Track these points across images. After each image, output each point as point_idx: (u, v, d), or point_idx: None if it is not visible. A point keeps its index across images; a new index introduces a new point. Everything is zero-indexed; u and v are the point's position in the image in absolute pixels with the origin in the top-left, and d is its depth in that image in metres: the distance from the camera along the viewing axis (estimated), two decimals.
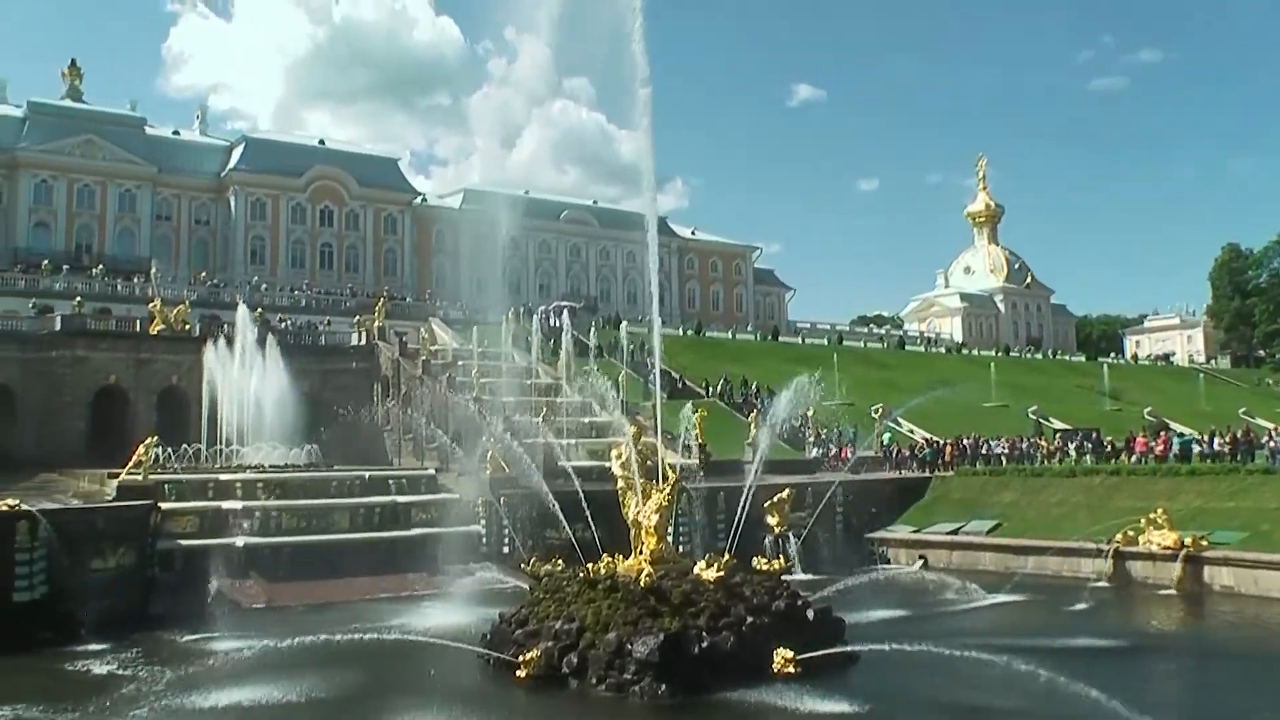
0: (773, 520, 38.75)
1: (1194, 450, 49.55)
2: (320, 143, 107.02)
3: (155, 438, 36.54)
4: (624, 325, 73.21)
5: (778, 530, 38.78)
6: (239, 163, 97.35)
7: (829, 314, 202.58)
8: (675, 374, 65.76)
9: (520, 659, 22.02)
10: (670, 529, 27.19)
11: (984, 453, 54.01)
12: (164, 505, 33.59)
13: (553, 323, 70.81)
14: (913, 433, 60.95)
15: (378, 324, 58.50)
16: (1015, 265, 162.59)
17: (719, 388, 66.38)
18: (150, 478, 34.11)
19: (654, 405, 40.84)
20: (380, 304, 62.48)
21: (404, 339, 57.71)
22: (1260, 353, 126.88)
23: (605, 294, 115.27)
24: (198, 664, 22.62)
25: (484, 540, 38.02)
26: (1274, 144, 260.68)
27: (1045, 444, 56.39)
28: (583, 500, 31.29)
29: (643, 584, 22.78)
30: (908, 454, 54.41)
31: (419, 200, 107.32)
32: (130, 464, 33.94)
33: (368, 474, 41.05)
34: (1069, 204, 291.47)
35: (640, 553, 24.83)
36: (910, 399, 53.26)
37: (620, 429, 40.48)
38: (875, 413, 53.59)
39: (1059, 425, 68.45)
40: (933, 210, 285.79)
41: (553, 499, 31.92)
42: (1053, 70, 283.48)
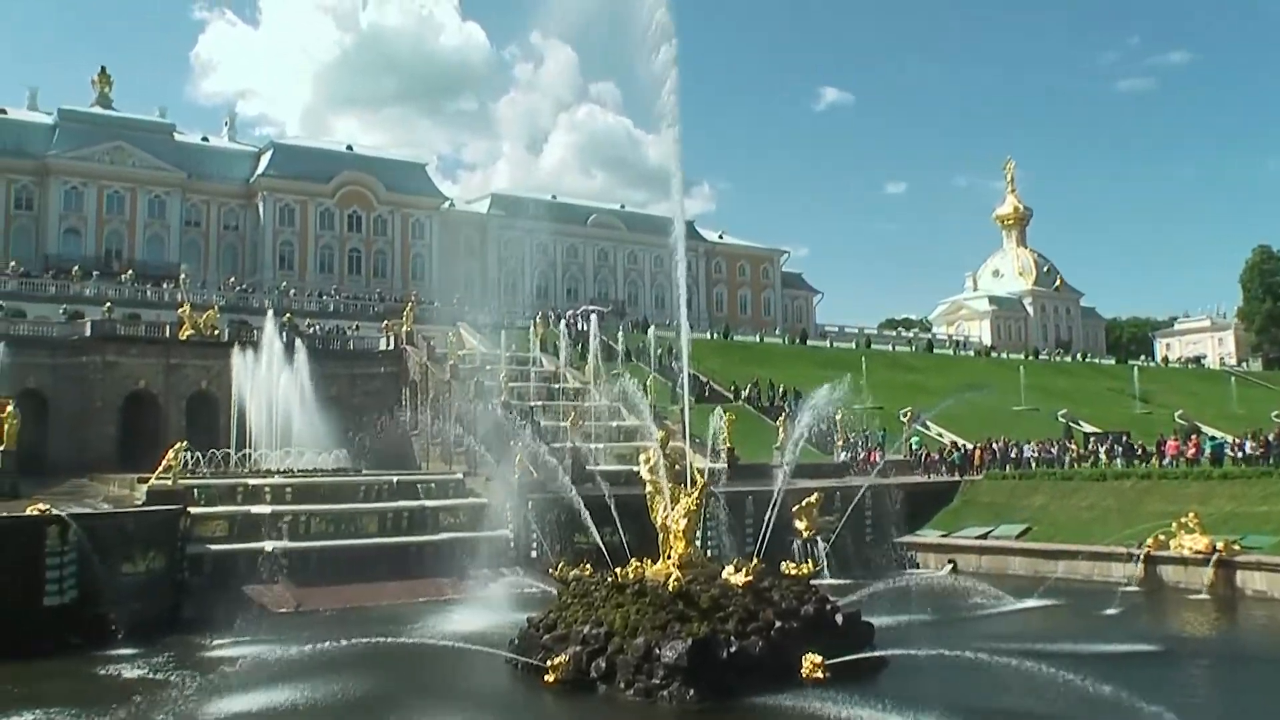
0: (801, 524, 38.82)
1: (1226, 453, 49.33)
2: (348, 148, 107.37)
3: (185, 442, 36.72)
4: (652, 329, 73.15)
5: (806, 534, 38.87)
6: (267, 168, 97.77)
7: (857, 317, 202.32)
8: (703, 378, 65.66)
9: (548, 663, 21.99)
10: (698, 533, 27.15)
11: (1013, 456, 53.81)
12: (193, 510, 33.71)
13: (580, 327, 70.89)
14: (941, 436, 60.71)
15: (406, 328, 58.62)
16: (1044, 268, 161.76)
17: (748, 391, 66.17)
18: (180, 482, 34.22)
19: (682, 409, 40.82)
20: (408, 308, 62.63)
21: (432, 343, 57.71)
22: None
23: (633, 298, 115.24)
24: (228, 668, 22.60)
25: (512, 545, 37.99)
26: None
27: (1075, 447, 56.13)
28: (611, 504, 31.26)
29: (671, 588, 22.74)
30: (936, 458, 54.22)
31: (446, 205, 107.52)
32: (160, 469, 34.04)
33: (396, 478, 41.09)
34: (1098, 206, 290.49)
35: (668, 557, 24.79)
36: (939, 402, 52.95)
37: (648, 433, 40.47)
38: (904, 416, 53.35)
39: (1089, 428, 68.09)
40: (961, 213, 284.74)
41: (581, 503, 31.89)
42: (1079, 72, 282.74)
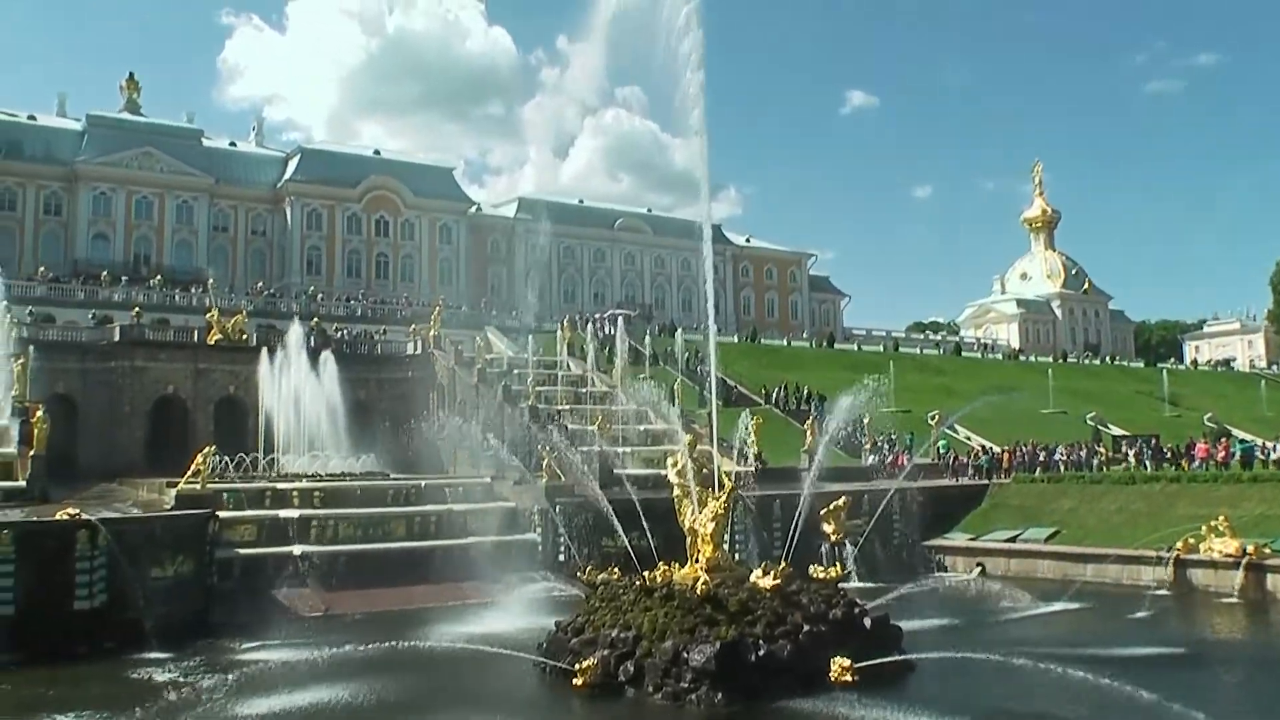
0: (829, 528, 38.87)
1: (1256, 457, 49.06)
2: (375, 153, 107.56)
3: (213, 447, 36.93)
4: (679, 333, 73.04)
5: (834, 538, 38.92)
6: (295, 173, 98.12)
7: (884, 321, 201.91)
8: (730, 382, 65.58)
9: (577, 667, 21.97)
10: (726, 537, 27.12)
11: (1042, 460, 53.56)
12: (222, 514, 33.77)
13: (607, 331, 70.90)
14: (969, 439, 60.47)
15: (433, 333, 58.72)
16: (1073, 271, 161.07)
17: (775, 395, 66.01)
18: (208, 487, 34.40)
19: (709, 413, 40.77)
20: (435, 313, 62.76)
21: (459, 348, 57.82)
22: None
23: (660, 301, 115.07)
24: (258, 672, 22.75)
25: (540, 548, 38.03)
26: None
27: (1104, 450, 55.86)
28: (638, 508, 31.30)
29: (699, 592, 22.73)
30: (964, 461, 54.01)
31: (473, 209, 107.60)
32: (189, 473, 34.21)
33: (424, 482, 41.16)
34: (1127, 209, 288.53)
35: (696, 561, 24.75)
36: (967, 405, 52.76)
37: (676, 437, 40.44)
38: (931, 419, 53.16)
39: (1118, 431, 67.78)
40: (988, 216, 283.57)
41: (608, 507, 31.90)
42: (1107, 74, 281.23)
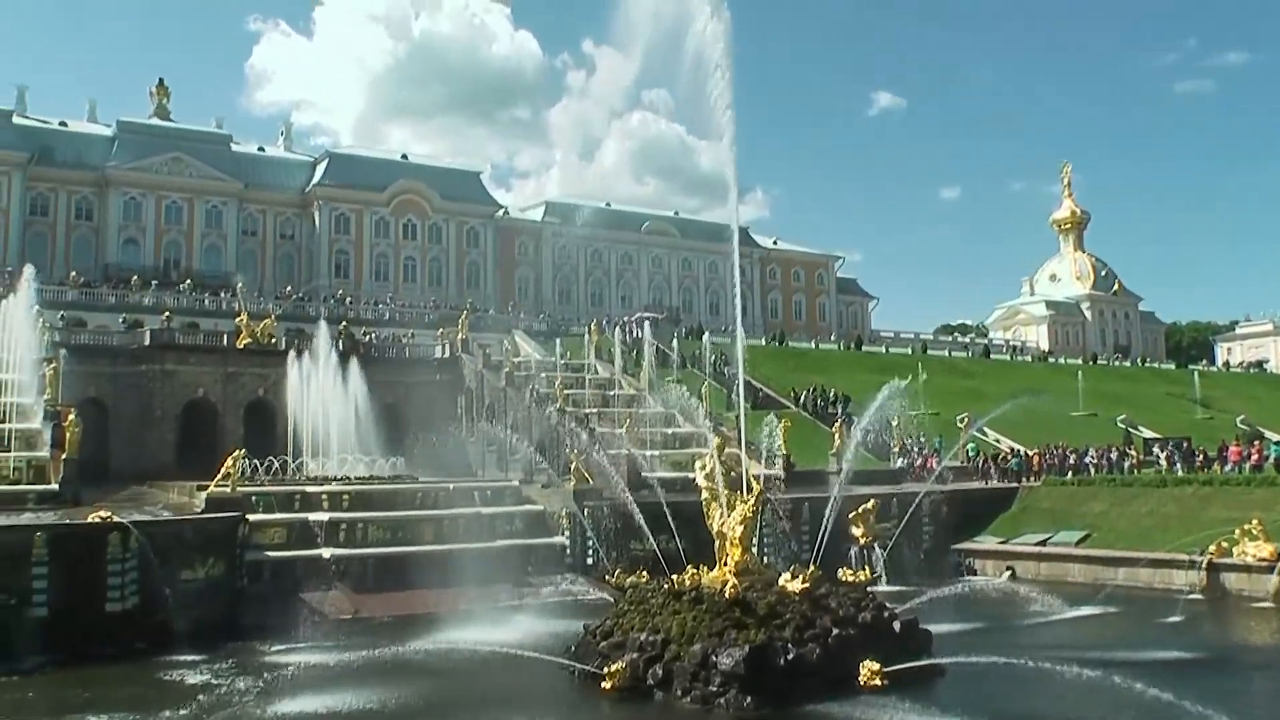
0: (858, 531, 38.72)
1: None
2: (403, 157, 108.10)
3: (242, 450, 37.00)
4: (706, 336, 72.89)
5: (863, 541, 38.78)
6: (323, 178, 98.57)
7: (913, 323, 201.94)
8: (758, 384, 65.42)
9: (605, 670, 21.92)
10: (755, 540, 27.06)
11: (1072, 462, 53.26)
12: (251, 517, 33.87)
13: (635, 334, 70.89)
14: (999, 442, 60.17)
15: (461, 336, 58.89)
16: (1102, 272, 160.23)
17: (803, 398, 65.80)
18: (238, 490, 34.41)
19: (737, 416, 40.69)
20: (463, 316, 62.97)
21: (487, 351, 57.95)
22: None
23: (687, 304, 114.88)
24: (288, 674, 22.81)
25: (568, 552, 37.98)
26: None
27: (1135, 453, 55.50)
28: (666, 511, 31.27)
29: (728, 595, 22.65)
30: (993, 464, 53.73)
31: (501, 213, 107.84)
32: (219, 476, 34.27)
33: (452, 485, 41.06)
34: (1157, 209, 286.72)
35: (725, 564, 24.67)
36: (996, 408, 52.55)
37: (704, 440, 40.37)
38: (960, 422, 52.91)
39: (1149, 434, 67.27)
40: (1017, 218, 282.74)
41: (637, 510, 31.88)
42: (1137, 74, 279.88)
